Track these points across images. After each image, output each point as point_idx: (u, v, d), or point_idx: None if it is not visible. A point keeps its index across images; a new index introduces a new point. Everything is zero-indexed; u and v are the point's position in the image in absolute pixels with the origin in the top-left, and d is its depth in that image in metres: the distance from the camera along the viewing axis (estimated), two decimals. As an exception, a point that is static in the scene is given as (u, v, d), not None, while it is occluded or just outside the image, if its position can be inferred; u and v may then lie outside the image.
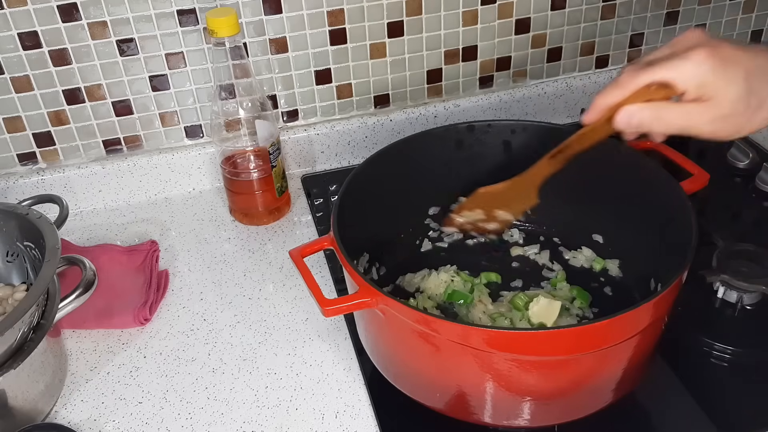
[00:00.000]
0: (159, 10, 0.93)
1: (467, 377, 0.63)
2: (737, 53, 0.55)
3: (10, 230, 0.78)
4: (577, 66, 1.14)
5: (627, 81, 0.58)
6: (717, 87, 0.55)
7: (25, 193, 0.98)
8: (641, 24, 1.13)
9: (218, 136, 0.93)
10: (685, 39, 0.58)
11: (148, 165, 1.03)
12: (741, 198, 0.98)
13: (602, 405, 0.67)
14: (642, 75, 0.57)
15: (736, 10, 1.16)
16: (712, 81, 0.55)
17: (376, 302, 0.63)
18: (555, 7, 1.07)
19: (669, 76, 0.56)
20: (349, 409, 0.73)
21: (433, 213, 0.90)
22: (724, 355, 0.76)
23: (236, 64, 0.89)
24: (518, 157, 0.85)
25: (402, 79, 1.07)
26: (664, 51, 0.59)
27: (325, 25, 1.00)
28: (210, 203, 1.04)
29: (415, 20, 1.02)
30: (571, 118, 1.16)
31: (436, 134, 0.85)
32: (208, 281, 0.90)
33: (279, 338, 0.81)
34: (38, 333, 0.70)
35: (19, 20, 0.90)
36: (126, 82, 0.98)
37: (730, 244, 0.84)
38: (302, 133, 1.07)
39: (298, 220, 1.00)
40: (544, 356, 0.60)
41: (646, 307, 0.60)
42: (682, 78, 0.55)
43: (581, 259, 0.86)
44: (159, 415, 0.73)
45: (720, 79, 0.55)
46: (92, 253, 0.91)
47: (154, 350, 0.81)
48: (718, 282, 0.81)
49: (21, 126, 0.97)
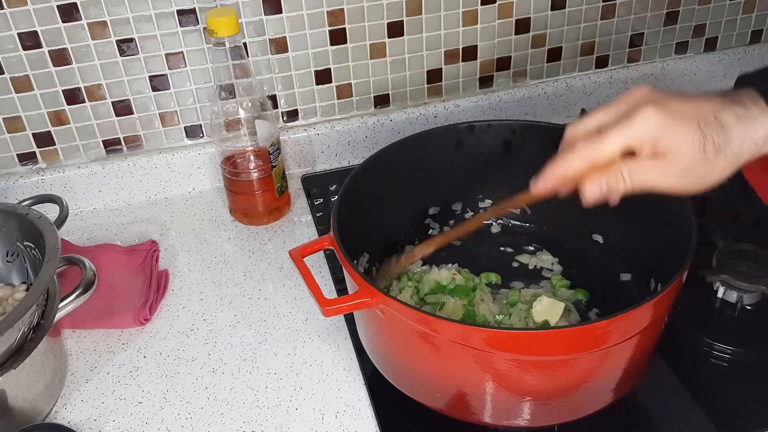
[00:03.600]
0: (159, 10, 0.93)
1: (467, 377, 0.63)
2: (684, 105, 0.55)
3: (10, 230, 0.78)
4: (577, 66, 1.14)
5: (585, 150, 0.57)
6: (671, 141, 0.54)
7: (25, 193, 0.98)
8: (641, 24, 1.13)
9: (218, 136, 0.93)
10: (630, 97, 0.57)
11: (148, 165, 1.03)
12: (741, 198, 0.98)
13: (602, 405, 0.67)
14: (596, 145, 0.56)
15: (736, 10, 1.16)
16: (665, 135, 0.54)
17: (376, 302, 0.63)
18: (555, 7, 1.07)
19: (621, 142, 0.55)
20: (349, 409, 0.73)
21: (433, 213, 0.90)
22: (724, 355, 0.76)
23: (236, 64, 0.89)
24: (518, 157, 0.86)
25: (402, 79, 1.07)
26: (609, 112, 0.58)
27: (325, 25, 1.00)
28: (210, 203, 1.04)
29: (415, 20, 1.02)
30: (571, 118, 1.16)
31: (436, 134, 0.85)
32: (208, 281, 0.90)
33: (279, 338, 0.81)
34: (38, 333, 0.70)
35: (19, 20, 0.90)
36: (126, 82, 0.98)
37: (730, 244, 0.84)
38: (302, 133, 1.07)
39: (298, 220, 1.00)
40: (544, 356, 0.60)
41: (646, 307, 0.60)
42: (637, 138, 0.55)
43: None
44: (159, 415, 0.73)
45: (672, 132, 0.54)
46: (92, 253, 0.91)
47: (154, 350, 0.81)
48: (718, 282, 0.81)
49: (21, 126, 0.97)
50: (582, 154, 0.57)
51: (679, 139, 0.54)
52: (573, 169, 0.58)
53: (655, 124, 0.54)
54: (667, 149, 0.54)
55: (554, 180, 0.59)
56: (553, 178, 0.59)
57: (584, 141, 0.57)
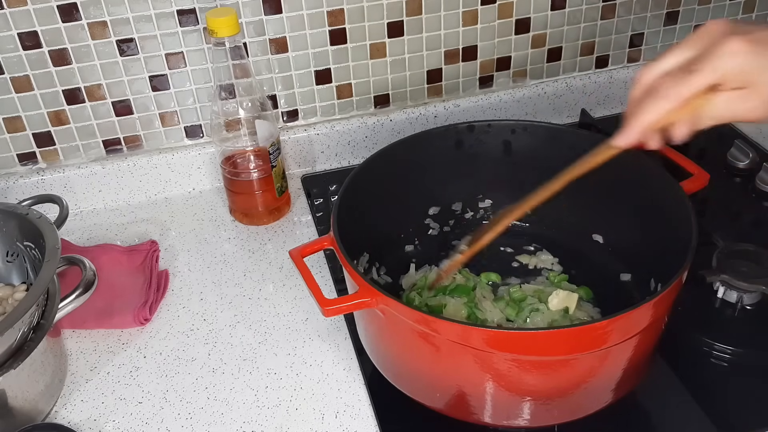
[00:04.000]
0: (159, 10, 0.93)
1: (467, 377, 0.63)
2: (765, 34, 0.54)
3: (10, 230, 0.78)
4: (577, 66, 1.14)
5: (670, 92, 0.54)
6: (757, 73, 0.53)
7: (25, 193, 0.98)
8: (641, 24, 1.13)
9: (218, 136, 0.93)
10: (706, 32, 0.55)
11: (148, 165, 1.03)
12: (741, 198, 0.98)
13: (602, 405, 0.67)
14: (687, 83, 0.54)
15: (736, 10, 1.16)
16: (752, 69, 0.53)
17: (376, 302, 0.63)
18: (555, 7, 1.07)
19: (714, 77, 0.53)
20: (349, 409, 0.73)
21: (433, 213, 0.90)
22: (724, 355, 0.76)
23: (236, 64, 0.89)
24: (518, 157, 0.86)
25: (402, 79, 1.07)
26: (687, 50, 0.56)
27: (325, 25, 1.00)
28: (210, 203, 1.04)
29: (415, 20, 1.02)
30: (571, 118, 1.16)
31: (436, 134, 0.85)
32: (208, 281, 0.90)
33: (279, 338, 0.81)
34: (38, 333, 0.70)
35: (19, 20, 0.90)
36: (126, 82, 0.98)
37: (730, 244, 0.83)
38: (302, 133, 1.07)
39: (298, 220, 1.00)
40: (544, 356, 0.60)
41: (646, 307, 0.60)
42: (725, 74, 0.53)
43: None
44: (159, 415, 0.73)
45: (759, 65, 0.53)
46: (92, 253, 0.91)
47: (154, 350, 0.81)
48: (718, 282, 0.81)
49: (21, 126, 0.97)
50: (671, 95, 0.54)
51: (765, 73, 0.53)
52: (663, 113, 0.55)
53: (744, 57, 0.53)
54: (753, 81, 0.53)
55: (642, 129, 0.56)
56: (641, 127, 0.56)
57: (670, 81, 0.54)
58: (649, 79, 0.57)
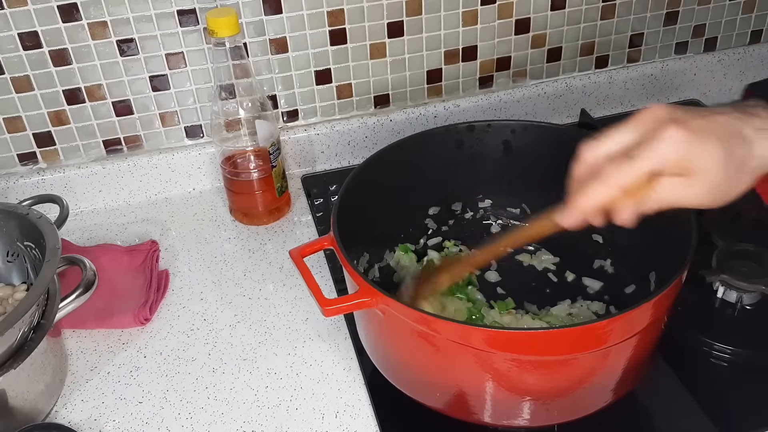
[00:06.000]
0: (159, 10, 0.93)
1: (467, 377, 0.63)
2: (705, 121, 0.54)
3: (11, 230, 0.78)
4: (576, 66, 1.14)
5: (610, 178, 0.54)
6: (697, 160, 0.53)
7: (25, 193, 0.98)
8: (641, 24, 1.13)
9: (218, 136, 0.94)
10: (647, 116, 0.55)
11: (148, 165, 1.03)
12: (741, 198, 0.98)
13: (602, 405, 0.67)
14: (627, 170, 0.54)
15: (736, 10, 1.16)
16: (691, 155, 0.53)
17: (376, 302, 0.63)
18: (555, 7, 1.07)
19: (653, 164, 0.54)
20: (349, 409, 0.73)
21: (433, 213, 0.90)
22: (724, 355, 0.76)
23: (236, 64, 0.89)
24: (518, 157, 0.86)
25: (402, 79, 1.07)
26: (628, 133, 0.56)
27: (325, 25, 1.00)
28: (210, 203, 1.04)
29: (415, 20, 1.02)
30: (571, 118, 1.16)
31: (436, 134, 0.85)
32: (208, 281, 0.90)
33: (279, 338, 0.81)
34: (38, 333, 0.70)
35: (19, 20, 0.90)
36: (126, 82, 0.98)
37: (730, 244, 0.84)
38: (302, 133, 1.07)
39: (298, 220, 1.00)
40: (544, 356, 0.60)
41: (646, 307, 0.60)
42: (665, 161, 0.53)
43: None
44: (159, 415, 0.73)
45: (698, 151, 0.53)
46: (92, 253, 0.91)
47: (154, 350, 0.81)
48: (718, 282, 0.81)
49: (21, 126, 0.97)
50: (612, 181, 0.54)
51: (705, 157, 0.53)
52: (604, 198, 0.55)
53: (682, 145, 0.53)
54: (694, 167, 0.53)
55: (584, 213, 0.57)
56: (583, 210, 0.56)
57: (612, 167, 0.55)
58: (591, 159, 0.57)
